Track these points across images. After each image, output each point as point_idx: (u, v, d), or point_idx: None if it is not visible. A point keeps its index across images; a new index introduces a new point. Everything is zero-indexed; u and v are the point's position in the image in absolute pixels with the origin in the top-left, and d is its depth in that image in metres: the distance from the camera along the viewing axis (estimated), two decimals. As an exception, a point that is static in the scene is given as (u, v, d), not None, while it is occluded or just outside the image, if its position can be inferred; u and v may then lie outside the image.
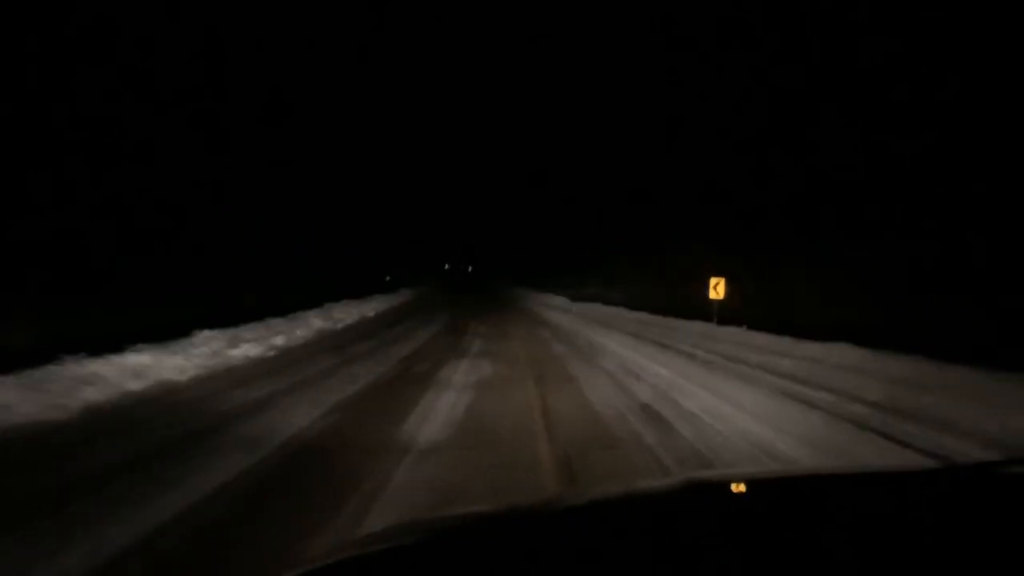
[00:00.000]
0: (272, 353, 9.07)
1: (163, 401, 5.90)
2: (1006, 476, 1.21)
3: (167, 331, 8.30)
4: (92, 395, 5.57)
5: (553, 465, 4.13)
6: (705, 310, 13.59)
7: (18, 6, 12.06)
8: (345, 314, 15.43)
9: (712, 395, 6.50)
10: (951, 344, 7.22)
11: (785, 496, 1.18)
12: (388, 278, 33.56)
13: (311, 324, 12.46)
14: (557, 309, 22.15)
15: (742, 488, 1.26)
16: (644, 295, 19.72)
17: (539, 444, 4.66)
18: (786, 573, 0.80)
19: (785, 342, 9.98)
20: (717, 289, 13.08)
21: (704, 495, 1.19)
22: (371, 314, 17.52)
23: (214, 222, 18.95)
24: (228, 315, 10.69)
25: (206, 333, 8.65)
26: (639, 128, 25.14)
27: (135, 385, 6.15)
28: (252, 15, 21.09)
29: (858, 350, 8.46)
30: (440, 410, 5.69)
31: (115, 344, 7.09)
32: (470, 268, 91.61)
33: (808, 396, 6.51)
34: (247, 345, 8.73)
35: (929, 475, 1.33)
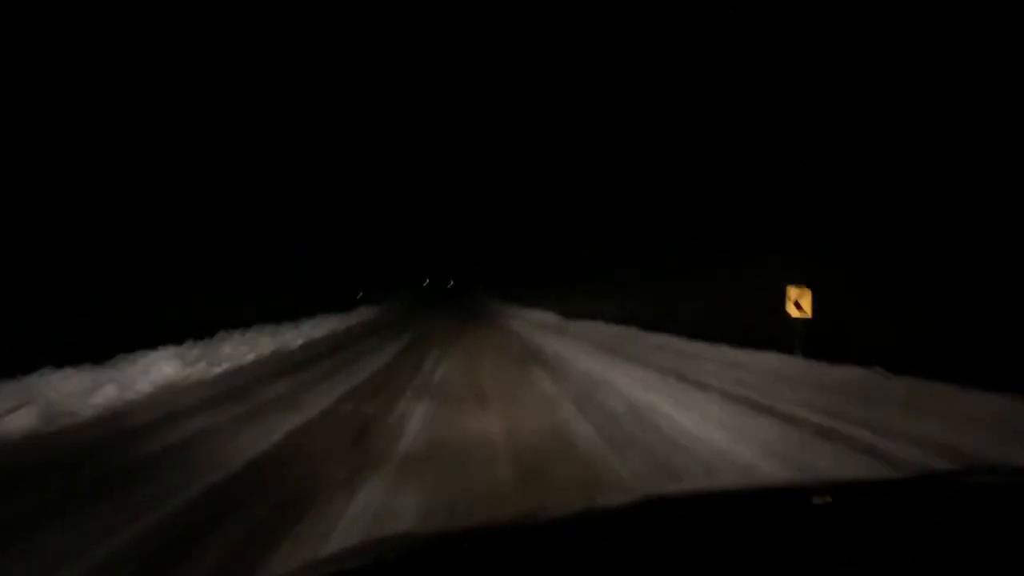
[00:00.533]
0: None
1: None
2: (967, 486, 1.20)
3: None
4: None
5: None
6: (744, 330, 9.59)
7: (18, 6, 12.07)
8: (250, 348, 10.36)
9: None
10: None
11: (750, 511, 1.15)
12: (360, 294, 32.01)
13: (152, 372, 7.44)
14: (551, 331, 16.42)
15: (705, 504, 1.23)
16: (649, 309, 15.86)
17: None
18: None
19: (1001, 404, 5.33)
20: (801, 304, 8.89)
21: (665, 511, 1.15)
22: (296, 345, 12.73)
23: (214, 222, 18.96)
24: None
25: None
26: (639, 128, 25.15)
27: None
28: (252, 15, 21.11)
29: None
30: None
31: None
32: (451, 283, 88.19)
33: None
34: None
35: (898, 485, 1.31)
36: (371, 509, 3.50)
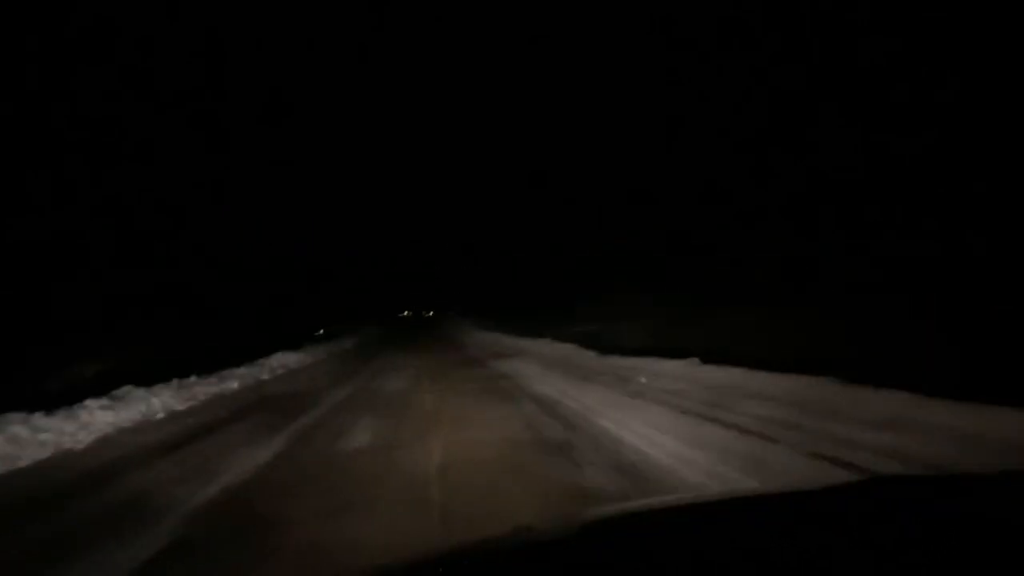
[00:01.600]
0: None
1: None
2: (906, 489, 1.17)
3: None
4: None
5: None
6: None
7: (18, 6, 12.07)
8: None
9: None
10: None
11: (689, 526, 1.07)
12: (321, 331, 29.48)
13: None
14: (611, 385, 8.52)
15: (643, 521, 1.14)
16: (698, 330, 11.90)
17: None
18: None
19: None
20: None
21: (606, 535, 1.05)
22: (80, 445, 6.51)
23: (214, 222, 18.96)
24: None
25: None
26: (639, 128, 25.14)
27: None
28: (252, 15, 21.12)
29: None
30: None
31: None
32: (431, 312, 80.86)
33: None
34: None
35: (852, 489, 1.24)
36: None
